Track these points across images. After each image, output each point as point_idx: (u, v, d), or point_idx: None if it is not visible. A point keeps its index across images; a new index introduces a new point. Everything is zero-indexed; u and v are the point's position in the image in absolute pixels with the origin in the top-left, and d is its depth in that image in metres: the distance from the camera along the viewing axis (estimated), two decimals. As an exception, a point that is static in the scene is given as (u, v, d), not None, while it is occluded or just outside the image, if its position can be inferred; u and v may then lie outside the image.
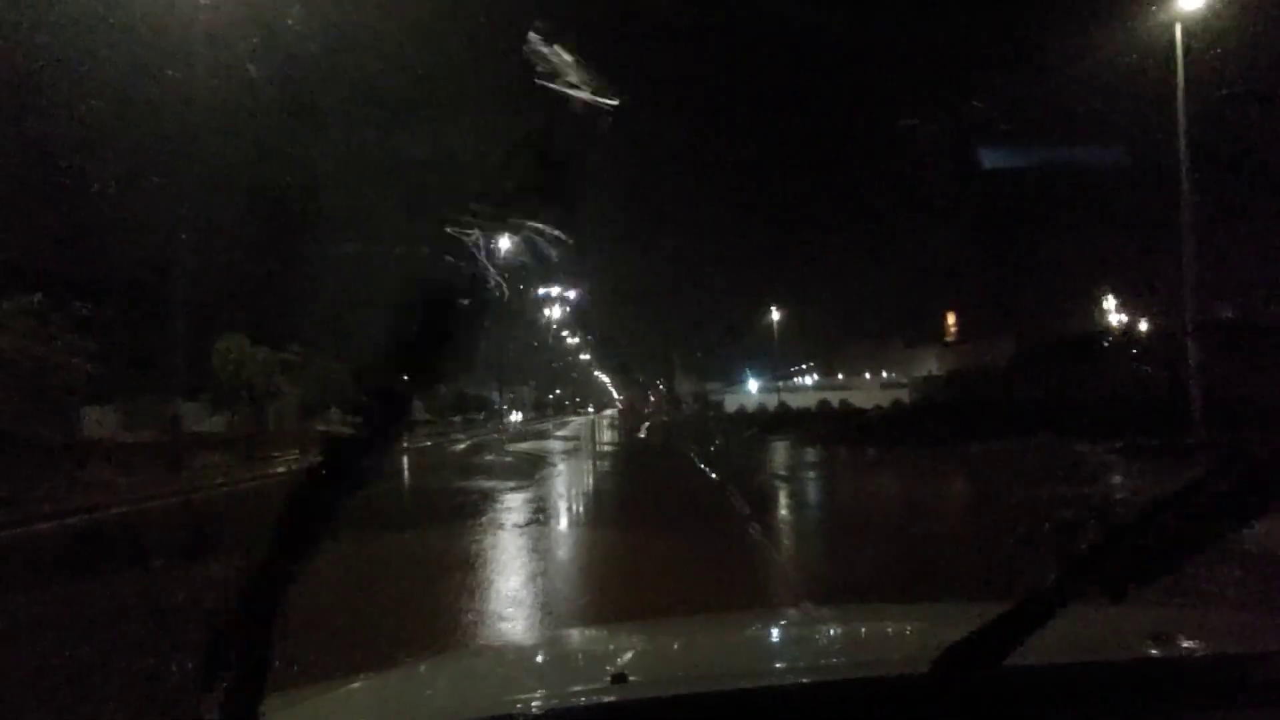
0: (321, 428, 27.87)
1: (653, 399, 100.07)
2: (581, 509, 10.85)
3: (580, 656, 1.78)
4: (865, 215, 76.56)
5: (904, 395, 53.24)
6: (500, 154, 1.04)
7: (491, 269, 1.01)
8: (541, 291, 56.78)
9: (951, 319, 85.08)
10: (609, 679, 1.15)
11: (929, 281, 77.82)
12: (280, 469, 16.31)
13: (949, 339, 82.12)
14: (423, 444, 30.46)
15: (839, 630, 1.82)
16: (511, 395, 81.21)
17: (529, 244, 1.07)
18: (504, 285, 1.05)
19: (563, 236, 1.07)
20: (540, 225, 1.04)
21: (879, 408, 44.33)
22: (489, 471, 16.51)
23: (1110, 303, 46.26)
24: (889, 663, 1.18)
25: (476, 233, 0.99)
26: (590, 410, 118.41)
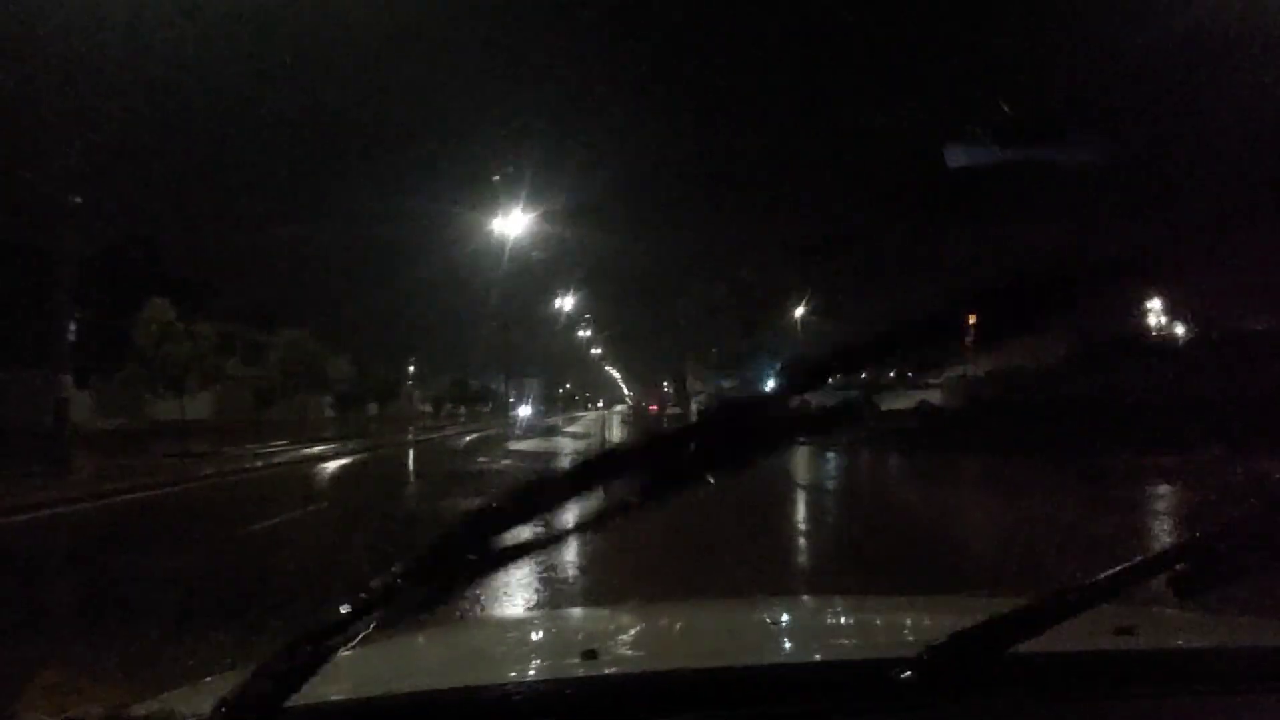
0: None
1: (667, 392, 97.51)
2: (613, 572, 5.92)
3: (558, 634, 1.71)
4: (888, 210, 73.90)
5: (931, 395, 50.48)
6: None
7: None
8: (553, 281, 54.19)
9: (972, 319, 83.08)
10: (580, 655, 1.15)
11: (952, 279, 75.16)
12: (208, 471, 13.22)
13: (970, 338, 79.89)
14: (415, 439, 27.30)
15: (830, 619, 1.82)
16: (515, 388, 78.87)
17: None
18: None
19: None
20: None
21: (930, 405, 41.25)
22: (477, 484, 12.28)
23: (1156, 303, 43.53)
24: (866, 648, 1.24)
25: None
26: (600, 405, 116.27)
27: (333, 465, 16.61)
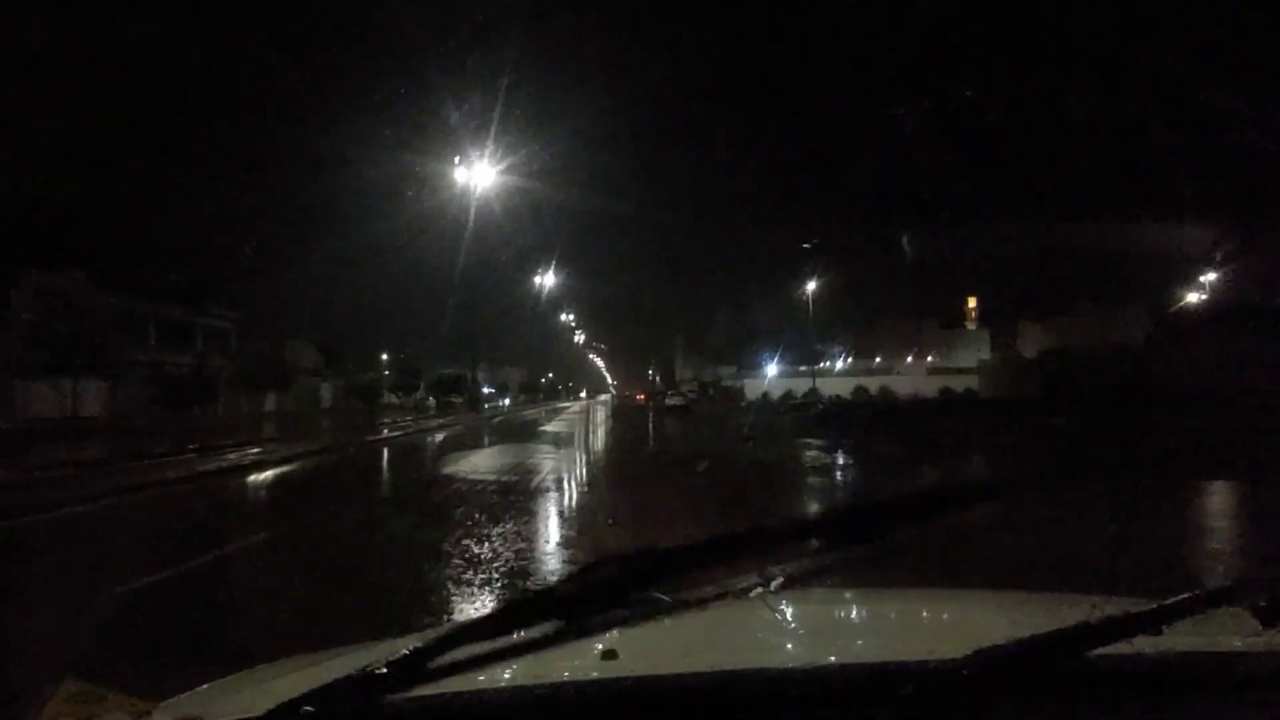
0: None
1: (654, 380, 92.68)
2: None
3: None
4: (898, 191, 69.55)
5: (954, 382, 46.20)
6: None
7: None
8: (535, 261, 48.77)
9: (973, 302, 79.11)
10: (599, 655, 1.09)
11: (963, 262, 70.74)
12: None
13: (970, 323, 76.05)
14: (300, 451, 17.25)
15: (860, 615, 1.73)
16: (493, 378, 73.62)
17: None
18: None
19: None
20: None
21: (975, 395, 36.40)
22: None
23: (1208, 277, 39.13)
24: (910, 649, 1.12)
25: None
26: (583, 396, 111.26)
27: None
